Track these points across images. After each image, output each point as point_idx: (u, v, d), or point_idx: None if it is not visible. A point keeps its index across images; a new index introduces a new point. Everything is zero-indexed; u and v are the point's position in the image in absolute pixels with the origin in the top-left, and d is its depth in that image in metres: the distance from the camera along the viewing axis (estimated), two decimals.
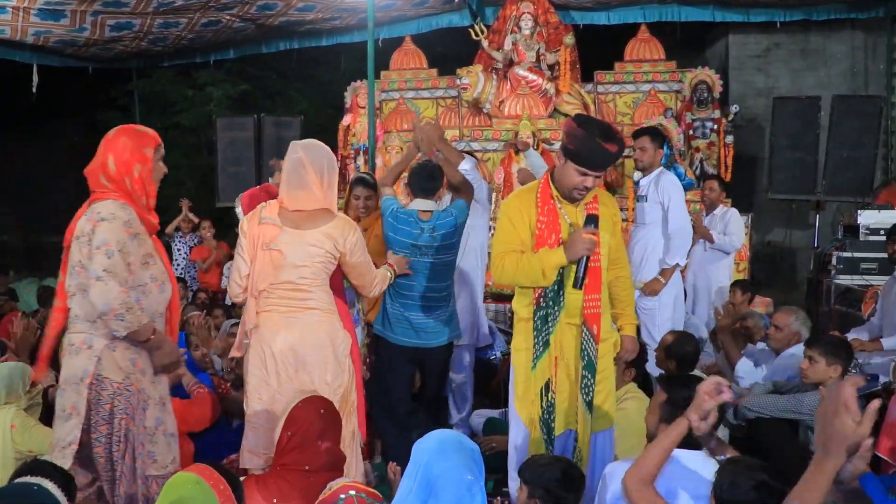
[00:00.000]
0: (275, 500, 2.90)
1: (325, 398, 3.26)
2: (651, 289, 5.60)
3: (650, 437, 3.13)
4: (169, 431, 3.43)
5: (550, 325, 3.57)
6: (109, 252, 3.14)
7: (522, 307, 3.67)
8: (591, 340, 3.61)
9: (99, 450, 3.25)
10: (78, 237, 3.23)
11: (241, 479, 2.94)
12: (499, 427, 5.21)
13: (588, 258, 3.47)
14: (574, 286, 3.50)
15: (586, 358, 3.59)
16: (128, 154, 3.31)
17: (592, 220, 3.49)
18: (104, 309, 3.12)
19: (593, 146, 3.43)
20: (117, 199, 3.25)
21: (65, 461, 3.17)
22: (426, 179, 4.63)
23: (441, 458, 2.48)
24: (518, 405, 3.67)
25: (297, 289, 3.65)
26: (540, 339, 3.58)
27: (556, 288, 3.55)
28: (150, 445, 3.35)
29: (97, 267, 3.12)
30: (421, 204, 4.61)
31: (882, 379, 4.76)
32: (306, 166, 3.62)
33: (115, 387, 3.25)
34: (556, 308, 3.56)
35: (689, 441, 2.94)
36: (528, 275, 3.51)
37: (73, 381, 3.26)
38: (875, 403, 1.76)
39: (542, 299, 3.57)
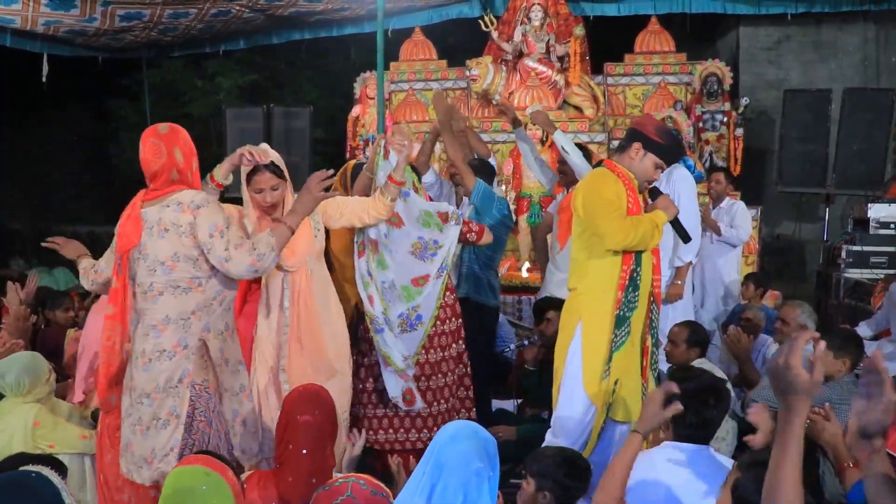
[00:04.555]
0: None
1: (316, 397, 3.18)
2: (675, 294, 5.48)
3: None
4: (249, 420, 3.47)
5: (633, 309, 3.72)
6: (222, 232, 3.22)
7: (598, 285, 3.73)
8: (657, 314, 3.86)
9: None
10: (167, 229, 3.21)
11: (245, 474, 2.95)
12: (508, 418, 5.23)
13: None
14: (685, 241, 4.01)
15: (654, 335, 3.83)
16: (189, 147, 3.34)
17: (658, 191, 3.86)
18: (250, 274, 3.28)
19: (678, 144, 3.93)
20: (192, 189, 3.31)
21: (169, 467, 3.14)
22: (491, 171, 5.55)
23: (453, 443, 2.50)
24: (587, 383, 3.71)
25: None
26: (623, 328, 3.69)
27: (639, 271, 3.72)
28: (233, 438, 3.40)
29: (220, 251, 3.20)
30: (499, 191, 5.33)
31: (891, 373, 4.74)
32: None
33: (197, 388, 3.29)
34: (636, 293, 3.72)
35: (693, 435, 2.94)
36: (647, 234, 3.69)
37: (168, 385, 3.23)
38: (821, 345, 1.75)
39: (630, 282, 3.71)
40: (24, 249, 13.17)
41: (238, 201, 3.92)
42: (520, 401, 5.62)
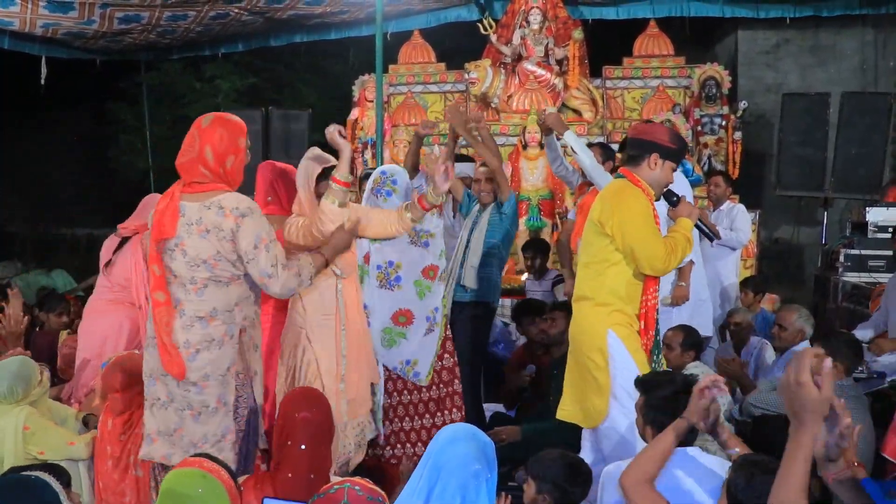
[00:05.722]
0: None
1: (312, 398, 3.23)
2: (681, 297, 5.32)
3: (642, 438, 3.14)
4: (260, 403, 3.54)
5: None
6: (267, 246, 3.24)
7: (617, 299, 3.71)
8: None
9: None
10: (209, 230, 3.20)
11: (242, 477, 2.94)
12: (507, 423, 5.22)
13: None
14: (711, 241, 4.14)
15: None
16: (224, 145, 3.28)
17: (674, 195, 3.85)
18: (289, 294, 3.41)
19: (686, 144, 4.00)
20: (234, 192, 3.28)
21: (224, 454, 3.20)
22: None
23: (451, 446, 2.51)
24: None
25: None
26: (659, 347, 3.75)
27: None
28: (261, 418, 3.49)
29: (265, 265, 3.23)
30: None
31: (889, 377, 4.75)
32: None
33: (241, 378, 3.33)
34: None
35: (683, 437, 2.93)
36: (684, 251, 3.71)
37: (217, 373, 3.26)
38: (828, 363, 1.78)
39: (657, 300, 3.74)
40: (22, 252, 13.16)
41: None
42: (518, 406, 5.62)
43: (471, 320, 5.12)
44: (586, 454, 3.75)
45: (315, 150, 3.88)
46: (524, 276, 7.12)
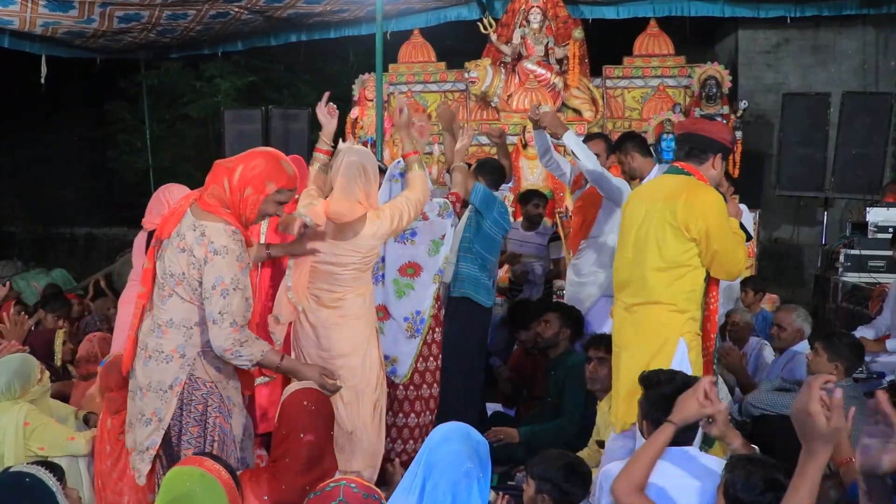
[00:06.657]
0: (265, 498, 2.90)
1: (313, 390, 3.25)
2: None
3: (640, 432, 3.13)
4: (252, 434, 3.45)
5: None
6: (224, 292, 3.10)
7: (691, 304, 3.58)
8: None
9: (189, 451, 3.15)
10: (185, 250, 3.13)
11: (238, 472, 2.94)
12: (506, 421, 5.21)
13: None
14: (749, 240, 3.96)
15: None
16: (252, 174, 3.19)
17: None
18: (220, 352, 3.13)
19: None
20: (228, 224, 3.15)
21: (143, 465, 3.21)
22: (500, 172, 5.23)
23: (444, 444, 2.52)
24: None
25: None
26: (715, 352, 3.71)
27: None
28: (241, 452, 3.32)
29: (213, 309, 3.10)
30: (501, 194, 5.28)
31: (888, 377, 4.74)
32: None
33: (208, 386, 3.22)
34: None
35: (675, 438, 2.92)
36: (745, 247, 3.67)
37: (159, 388, 3.18)
38: (837, 393, 1.75)
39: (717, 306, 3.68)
40: (21, 252, 13.15)
41: None
42: (517, 405, 5.61)
43: (453, 317, 4.96)
44: (609, 458, 3.64)
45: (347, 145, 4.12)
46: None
